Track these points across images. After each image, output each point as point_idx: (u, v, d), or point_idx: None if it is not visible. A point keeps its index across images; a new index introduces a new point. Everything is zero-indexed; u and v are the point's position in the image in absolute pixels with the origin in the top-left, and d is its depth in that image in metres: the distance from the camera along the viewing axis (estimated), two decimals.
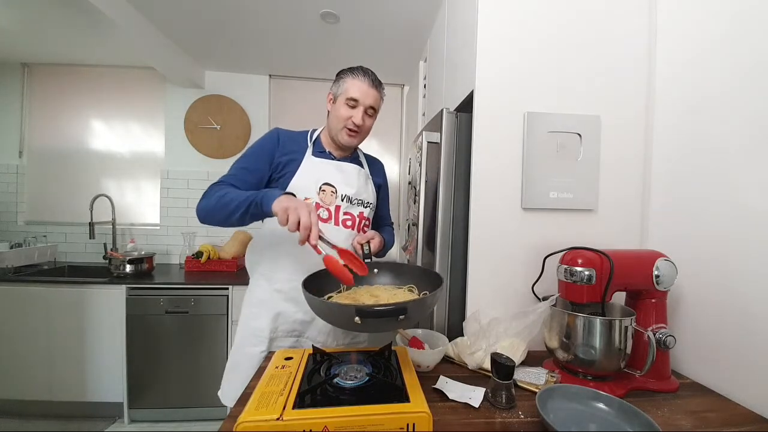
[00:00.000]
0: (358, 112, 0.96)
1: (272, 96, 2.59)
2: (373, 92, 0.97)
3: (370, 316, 0.57)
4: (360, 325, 0.58)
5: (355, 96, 0.95)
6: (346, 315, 0.59)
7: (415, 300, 0.61)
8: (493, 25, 1.00)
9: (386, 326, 0.63)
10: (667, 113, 0.99)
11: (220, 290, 1.92)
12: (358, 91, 0.95)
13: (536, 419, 0.64)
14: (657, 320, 0.82)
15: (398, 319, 0.58)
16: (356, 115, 0.96)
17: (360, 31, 1.92)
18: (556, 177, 1.01)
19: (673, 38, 0.98)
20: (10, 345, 1.87)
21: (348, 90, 0.95)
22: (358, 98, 0.95)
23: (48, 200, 2.45)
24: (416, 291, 0.81)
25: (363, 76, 0.96)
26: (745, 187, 0.76)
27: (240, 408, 0.57)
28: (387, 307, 0.57)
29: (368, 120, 0.99)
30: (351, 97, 0.95)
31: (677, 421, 0.67)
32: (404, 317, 0.57)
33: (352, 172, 1.04)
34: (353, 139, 1.00)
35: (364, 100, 0.96)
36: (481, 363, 0.84)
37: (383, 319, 0.57)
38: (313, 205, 0.95)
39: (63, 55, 2.31)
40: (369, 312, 0.57)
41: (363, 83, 0.95)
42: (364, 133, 1.02)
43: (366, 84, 0.95)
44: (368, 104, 0.96)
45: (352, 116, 0.96)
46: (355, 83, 0.95)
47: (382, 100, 1.02)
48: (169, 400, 1.91)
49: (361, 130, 0.99)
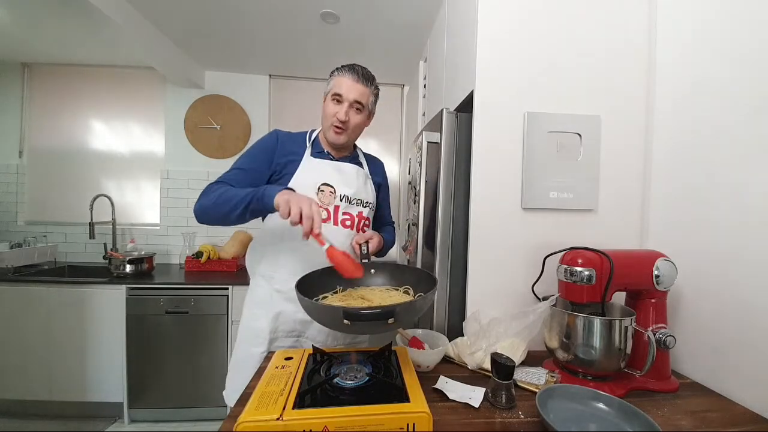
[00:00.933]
0: (342, 108, 0.94)
1: (272, 96, 2.59)
2: (358, 87, 0.95)
3: (358, 319, 0.57)
4: (349, 326, 0.58)
5: (339, 91, 0.94)
6: (334, 316, 0.59)
7: (404, 303, 0.60)
8: (493, 25, 1.00)
9: (375, 329, 0.63)
10: (667, 113, 0.99)
11: (220, 290, 1.92)
12: (344, 87, 0.94)
13: (536, 419, 0.64)
14: (657, 320, 0.82)
15: (387, 322, 0.58)
16: (340, 111, 0.94)
17: (360, 31, 1.92)
18: (556, 177, 1.01)
19: (673, 39, 0.98)
20: (10, 345, 1.87)
21: (334, 86, 0.95)
22: (342, 93, 0.94)
23: (48, 200, 2.45)
24: (412, 293, 0.80)
25: (349, 71, 0.95)
26: (746, 187, 0.76)
27: (240, 408, 0.57)
28: (374, 310, 0.57)
29: (355, 116, 0.97)
30: (335, 93, 0.95)
31: (677, 421, 0.67)
32: (393, 320, 0.57)
33: (351, 172, 1.04)
34: (339, 136, 0.97)
35: (348, 95, 0.94)
36: (481, 363, 0.84)
37: (372, 321, 0.57)
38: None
39: (63, 55, 2.31)
40: (356, 315, 0.57)
41: (348, 79, 0.94)
42: (353, 131, 0.99)
43: (350, 79, 0.94)
44: (353, 99, 0.94)
45: (336, 112, 0.95)
46: (341, 79, 0.95)
47: (374, 95, 1.00)
48: (169, 400, 1.91)
49: (348, 127, 0.97)
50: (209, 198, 0.85)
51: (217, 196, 0.84)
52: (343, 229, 0.99)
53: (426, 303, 0.67)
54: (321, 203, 0.96)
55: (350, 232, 1.00)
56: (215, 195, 0.84)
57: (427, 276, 0.81)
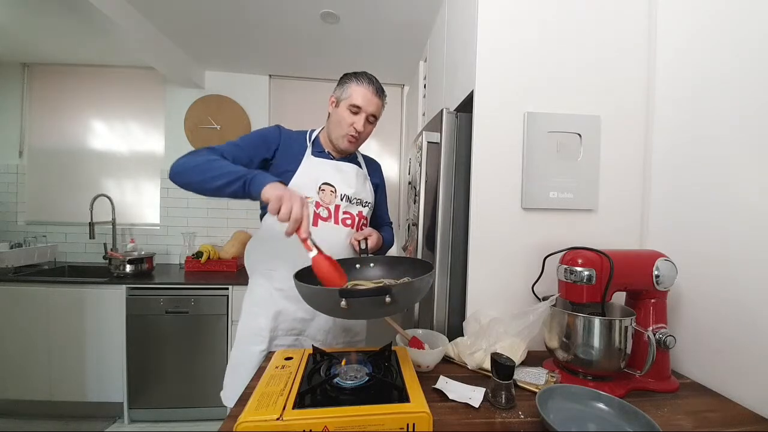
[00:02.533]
0: (360, 119, 0.97)
1: (272, 96, 2.59)
2: (376, 100, 0.98)
3: (355, 297, 0.57)
4: (347, 310, 0.57)
5: (358, 103, 0.96)
6: (331, 298, 0.58)
7: (401, 283, 0.60)
8: (493, 25, 1.00)
9: (374, 311, 0.62)
10: (667, 113, 0.99)
11: (220, 290, 1.92)
12: (362, 99, 0.96)
13: (536, 419, 0.64)
14: (657, 320, 0.82)
15: (385, 302, 0.57)
16: (358, 121, 0.97)
17: (360, 31, 1.91)
18: (556, 177, 1.01)
19: (673, 39, 0.98)
20: (10, 345, 1.87)
21: (352, 96, 0.96)
22: (361, 105, 0.96)
23: (48, 200, 2.45)
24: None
25: (368, 83, 0.97)
26: (746, 187, 0.76)
27: (240, 408, 0.57)
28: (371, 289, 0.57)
29: (368, 127, 1.01)
30: (354, 104, 0.96)
31: (677, 421, 0.67)
32: (391, 300, 0.57)
33: (351, 171, 1.05)
34: (353, 145, 1.02)
35: (367, 108, 0.97)
36: (481, 363, 0.84)
37: (369, 301, 0.57)
38: (314, 203, 0.95)
39: (63, 55, 2.31)
40: (353, 293, 0.57)
41: (367, 91, 0.96)
42: (363, 140, 1.04)
43: (370, 92, 0.97)
44: (370, 112, 0.98)
45: (354, 122, 0.97)
46: (360, 90, 0.96)
47: (384, 107, 1.03)
48: (169, 400, 1.91)
49: (361, 137, 1.01)
50: (194, 159, 0.80)
51: (204, 161, 0.79)
52: (344, 228, 1.00)
53: (423, 285, 0.66)
54: (322, 202, 0.97)
55: (350, 231, 1.01)
56: (201, 159, 0.80)
57: (423, 263, 0.81)
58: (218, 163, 0.79)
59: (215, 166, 0.78)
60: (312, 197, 0.96)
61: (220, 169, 0.77)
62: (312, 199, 0.96)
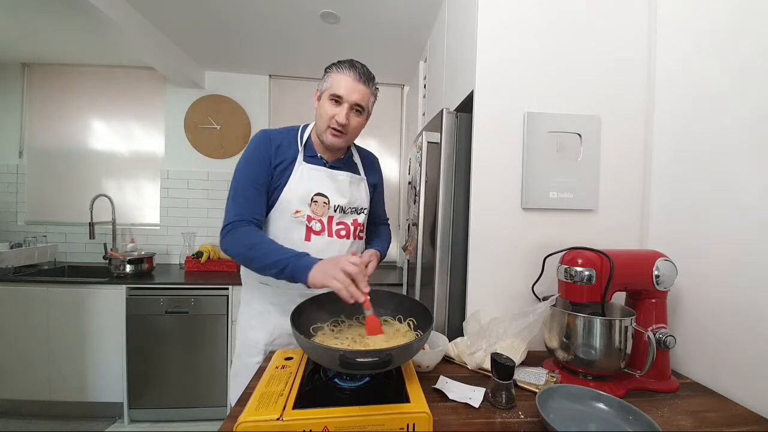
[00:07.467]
0: (342, 110, 0.87)
1: (272, 96, 2.59)
2: (360, 87, 0.87)
3: (355, 368, 0.57)
4: (345, 369, 0.57)
5: (339, 93, 0.86)
6: (331, 358, 0.57)
7: (401, 346, 0.59)
8: (493, 24, 1.00)
9: (371, 369, 0.62)
10: (667, 113, 0.99)
11: (220, 290, 1.92)
12: (343, 87, 0.86)
13: (536, 419, 0.64)
14: (657, 320, 0.82)
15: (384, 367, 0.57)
16: (340, 113, 0.87)
17: (360, 31, 1.91)
18: (556, 177, 1.01)
19: (672, 38, 0.98)
20: (10, 345, 1.87)
21: (332, 85, 0.87)
22: (342, 95, 0.86)
23: (48, 200, 2.45)
24: (402, 319, 0.81)
25: (349, 69, 0.87)
26: (746, 186, 0.76)
27: (240, 408, 0.57)
28: (372, 357, 0.55)
29: (355, 118, 0.90)
30: (335, 93, 0.87)
31: (677, 421, 0.67)
32: (389, 363, 0.56)
33: (345, 180, 0.98)
34: (338, 140, 0.90)
35: (349, 97, 0.86)
36: (481, 363, 0.84)
37: (369, 363, 0.56)
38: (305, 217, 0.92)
39: (63, 55, 2.31)
40: (353, 364, 0.55)
41: (348, 77, 0.86)
42: (352, 133, 0.93)
43: (351, 78, 0.86)
44: (353, 101, 0.87)
45: (335, 114, 0.87)
46: (340, 78, 0.87)
47: (374, 96, 0.93)
48: (169, 400, 1.91)
49: (347, 130, 0.90)
50: (241, 245, 0.83)
51: (249, 249, 0.82)
52: (338, 240, 0.96)
53: (423, 343, 0.68)
54: (314, 215, 0.92)
55: (345, 242, 0.97)
56: (245, 246, 0.82)
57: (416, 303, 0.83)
58: (262, 250, 0.81)
59: (261, 254, 0.81)
60: (303, 211, 0.91)
61: (266, 258, 0.80)
62: (303, 214, 0.91)
